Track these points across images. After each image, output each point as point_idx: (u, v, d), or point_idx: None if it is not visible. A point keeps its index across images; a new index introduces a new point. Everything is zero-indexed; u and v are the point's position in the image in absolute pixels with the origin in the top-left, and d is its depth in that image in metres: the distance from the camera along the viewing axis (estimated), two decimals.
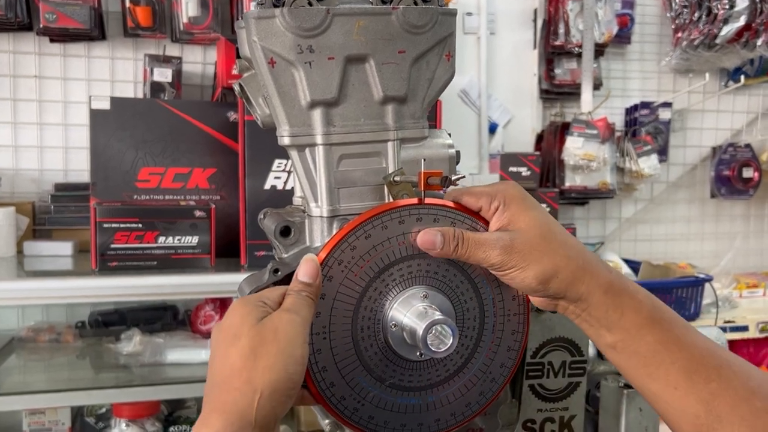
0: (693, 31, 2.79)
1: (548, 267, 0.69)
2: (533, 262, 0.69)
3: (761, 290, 2.92)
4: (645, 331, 0.69)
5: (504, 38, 2.84)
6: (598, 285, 0.70)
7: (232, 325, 0.64)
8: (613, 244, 3.02)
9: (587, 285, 0.70)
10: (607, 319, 0.70)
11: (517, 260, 0.69)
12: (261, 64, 0.74)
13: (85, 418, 2.06)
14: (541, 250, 0.69)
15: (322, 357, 0.72)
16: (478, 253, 0.70)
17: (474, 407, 0.78)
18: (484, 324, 0.76)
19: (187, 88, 2.41)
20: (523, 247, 0.69)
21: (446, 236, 0.71)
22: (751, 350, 2.73)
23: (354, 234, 0.71)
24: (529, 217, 0.71)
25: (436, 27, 0.77)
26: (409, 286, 0.73)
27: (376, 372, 0.74)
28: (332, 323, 0.72)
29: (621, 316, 0.69)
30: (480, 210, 0.74)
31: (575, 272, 0.70)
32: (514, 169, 2.27)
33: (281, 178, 1.94)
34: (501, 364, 0.78)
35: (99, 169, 2.01)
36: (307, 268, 0.69)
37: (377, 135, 0.77)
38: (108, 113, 2.00)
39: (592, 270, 0.70)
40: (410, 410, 0.76)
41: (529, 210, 0.72)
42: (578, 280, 0.69)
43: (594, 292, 0.70)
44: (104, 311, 2.20)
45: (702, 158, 3.12)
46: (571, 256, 0.70)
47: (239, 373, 0.61)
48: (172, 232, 1.87)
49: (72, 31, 2.18)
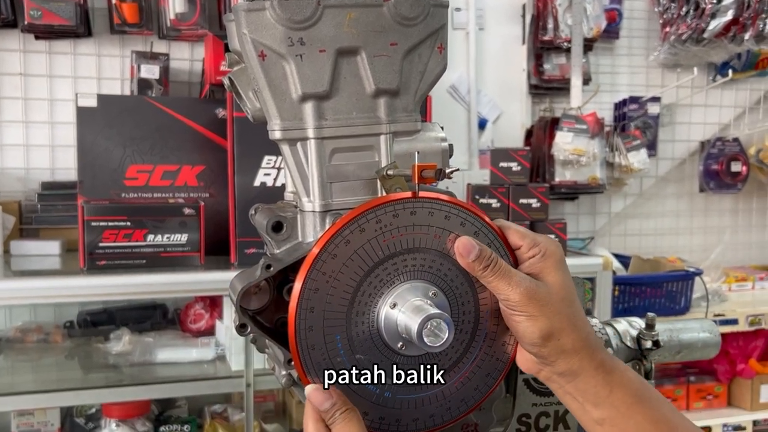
0: (681, 25, 2.80)
1: (556, 326, 0.69)
2: (545, 317, 0.69)
3: (750, 284, 2.94)
4: (634, 409, 0.69)
5: (493, 33, 2.84)
6: (592, 361, 0.71)
7: None
8: (603, 238, 3.03)
9: (581, 359, 0.70)
10: (595, 395, 0.70)
11: (532, 308, 0.69)
12: (251, 58, 0.73)
13: (75, 418, 2.04)
14: (556, 310, 0.70)
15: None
16: (502, 284, 0.70)
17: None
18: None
19: (175, 85, 2.39)
20: (544, 299, 0.70)
21: (483, 252, 0.71)
22: (741, 343, 2.75)
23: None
24: (559, 277, 0.72)
25: (428, 19, 0.77)
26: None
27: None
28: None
29: (610, 393, 0.70)
30: (518, 249, 0.74)
31: (576, 342, 0.70)
32: (504, 165, 2.27)
33: (271, 174, 1.93)
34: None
35: (86, 168, 1.99)
36: (316, 398, 0.69)
37: (369, 128, 0.76)
38: (95, 111, 1.98)
39: (590, 345, 0.71)
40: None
41: (561, 271, 0.73)
42: (575, 352, 0.70)
43: (586, 368, 0.70)
44: (93, 311, 2.18)
45: (690, 153, 3.13)
46: (578, 328, 0.71)
47: None
48: (161, 230, 1.86)
49: (57, 27, 2.16)
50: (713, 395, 2.76)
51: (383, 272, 0.72)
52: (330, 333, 0.71)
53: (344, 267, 0.71)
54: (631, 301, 2.48)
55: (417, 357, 0.74)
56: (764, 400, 2.72)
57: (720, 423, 2.62)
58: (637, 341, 0.95)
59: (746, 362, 2.73)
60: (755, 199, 3.27)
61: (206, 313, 2.15)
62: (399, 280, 0.72)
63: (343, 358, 0.72)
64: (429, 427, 0.77)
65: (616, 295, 2.43)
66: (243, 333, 0.75)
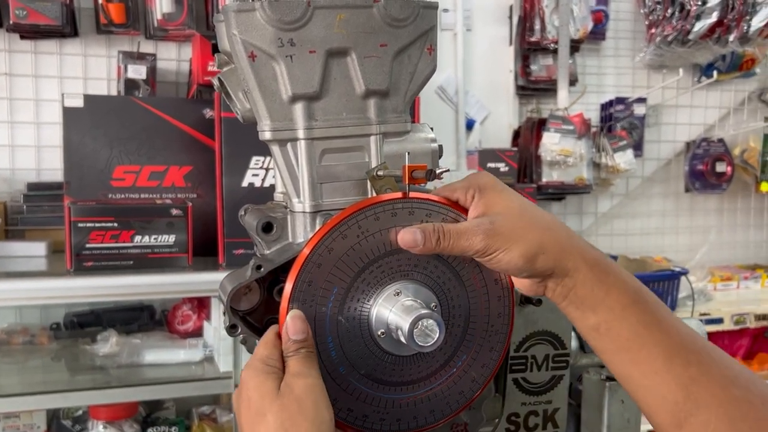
0: (666, 27, 2.82)
1: (533, 243, 0.68)
2: (517, 241, 0.68)
3: (735, 283, 2.97)
4: (629, 311, 0.68)
5: (480, 34, 2.85)
6: (585, 260, 0.69)
7: (251, 399, 0.65)
8: (590, 238, 3.04)
9: (574, 260, 0.69)
10: (592, 298, 0.69)
11: (500, 242, 0.68)
12: (241, 58, 0.73)
13: (62, 420, 2.03)
14: (523, 228, 0.69)
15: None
16: (461, 242, 0.69)
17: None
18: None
19: (162, 85, 2.38)
20: (505, 228, 0.69)
21: (426, 232, 0.70)
22: (726, 342, 2.77)
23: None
24: (504, 199, 0.71)
25: (417, 20, 0.77)
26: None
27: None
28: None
29: (606, 295, 0.68)
30: (458, 202, 0.73)
31: (561, 246, 0.69)
32: (492, 165, 2.28)
33: (259, 175, 1.93)
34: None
35: (73, 168, 1.98)
36: (295, 325, 0.68)
37: (360, 129, 0.77)
38: (81, 111, 1.97)
39: (577, 245, 0.70)
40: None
41: (503, 193, 0.72)
42: (565, 254, 0.69)
43: (581, 268, 0.69)
44: (80, 312, 2.17)
45: (676, 153, 3.15)
46: (553, 231, 0.70)
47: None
48: (149, 231, 1.85)
49: (43, 27, 2.14)
50: None
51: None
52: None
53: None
54: None
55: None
56: None
57: None
58: None
59: None
60: (740, 199, 3.30)
61: (194, 315, 2.15)
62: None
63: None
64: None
65: None
66: (233, 334, 0.75)
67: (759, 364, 2.78)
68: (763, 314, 2.63)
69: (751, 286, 3.00)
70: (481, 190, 0.72)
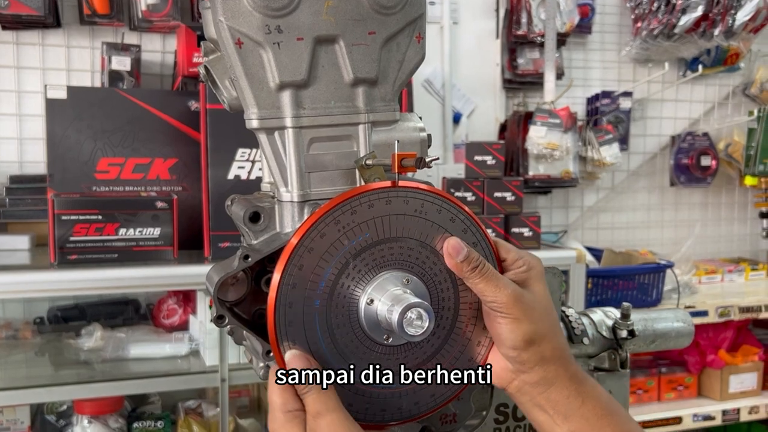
0: (652, 20, 2.83)
1: (539, 331, 0.71)
2: (529, 321, 0.70)
3: (719, 276, 2.99)
4: (605, 421, 0.71)
5: (467, 28, 2.84)
6: (566, 371, 0.72)
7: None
8: (576, 232, 3.06)
9: (557, 368, 0.71)
10: (567, 406, 0.71)
11: (518, 312, 0.70)
12: (228, 45, 0.72)
13: (46, 416, 2.01)
14: (539, 317, 0.71)
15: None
16: (490, 286, 0.71)
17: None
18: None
19: (147, 77, 2.36)
20: (530, 304, 0.71)
21: (471, 256, 0.71)
22: (711, 334, 2.79)
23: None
24: (542, 288, 0.75)
25: (406, 8, 0.76)
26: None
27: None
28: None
29: (582, 405, 0.71)
30: (504, 261, 0.76)
31: (554, 350, 0.72)
32: (479, 158, 2.28)
33: (245, 167, 1.91)
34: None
35: (56, 161, 1.96)
36: (297, 363, 0.68)
37: (348, 118, 0.76)
38: (64, 103, 1.95)
39: (565, 356, 0.73)
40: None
41: (543, 283, 0.75)
42: (552, 360, 0.71)
43: (561, 377, 0.71)
44: (64, 306, 2.15)
45: (661, 147, 3.17)
46: (557, 337, 0.73)
47: None
48: (133, 224, 1.83)
49: (25, 18, 2.12)
50: (684, 386, 2.80)
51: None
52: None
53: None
54: (603, 293, 2.51)
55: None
56: (733, 390, 2.77)
57: (690, 413, 2.66)
58: (612, 331, 0.96)
59: (716, 353, 2.77)
60: (724, 192, 3.32)
61: (179, 308, 2.13)
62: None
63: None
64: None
65: (589, 287, 2.45)
66: (220, 324, 0.74)
67: (743, 356, 2.81)
68: (747, 307, 2.65)
69: (735, 279, 3.02)
70: (531, 269, 0.75)
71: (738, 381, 2.77)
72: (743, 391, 2.78)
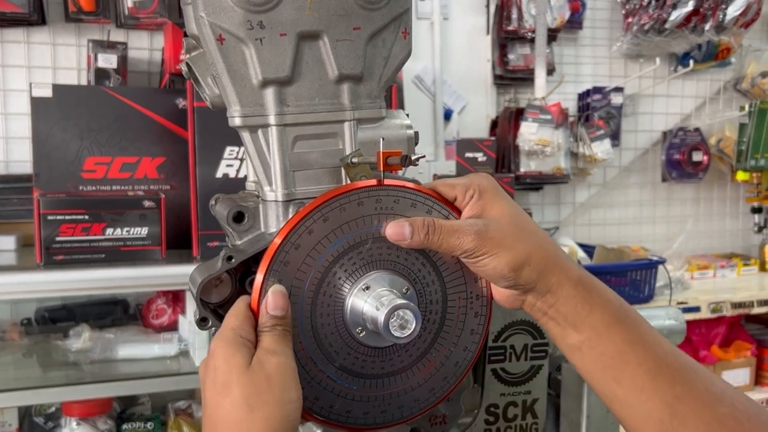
0: (643, 16, 2.82)
1: (521, 253, 0.68)
2: (506, 249, 0.67)
3: (711, 272, 2.99)
4: (613, 329, 0.68)
5: (457, 24, 2.83)
6: (569, 278, 0.69)
7: (218, 370, 0.63)
8: (568, 228, 3.05)
9: (558, 277, 0.68)
10: (575, 315, 0.68)
11: (490, 246, 0.67)
12: (209, 42, 0.70)
13: (34, 418, 1.99)
14: (514, 237, 0.68)
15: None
16: (451, 240, 0.68)
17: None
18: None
19: (134, 75, 2.33)
20: (497, 233, 0.68)
21: (415, 225, 0.69)
22: (703, 330, 2.79)
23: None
24: (501, 206, 0.71)
25: (391, 2, 0.75)
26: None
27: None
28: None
29: (589, 313, 0.68)
30: (455, 199, 0.72)
31: (547, 261, 0.68)
32: (470, 155, 2.27)
33: (233, 165, 1.90)
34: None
35: (42, 160, 1.93)
36: (276, 300, 0.66)
37: (333, 115, 0.74)
38: (50, 101, 1.92)
39: (562, 262, 0.70)
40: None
41: (501, 200, 0.71)
42: (549, 270, 0.68)
43: (564, 285, 0.68)
44: (51, 307, 2.12)
45: (653, 142, 3.16)
46: (542, 245, 0.69)
47: (234, 425, 0.59)
48: (121, 224, 1.81)
49: (9, 15, 2.09)
50: None
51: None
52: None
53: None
54: None
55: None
56: None
57: None
58: None
59: (708, 349, 2.77)
60: (716, 188, 3.32)
61: (168, 308, 2.11)
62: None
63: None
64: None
65: None
66: (204, 327, 0.73)
67: (735, 351, 2.81)
68: (739, 302, 2.65)
69: (728, 275, 3.02)
70: (481, 193, 0.71)
71: (731, 377, 2.77)
72: (736, 387, 2.78)
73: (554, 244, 0.71)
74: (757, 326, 3.05)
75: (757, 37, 3.23)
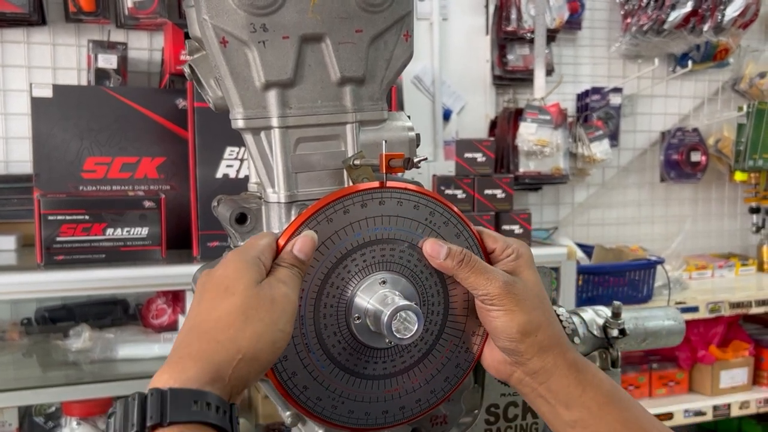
0: (642, 16, 2.82)
1: (534, 321, 0.70)
2: (523, 312, 0.69)
3: (709, 272, 2.99)
4: (607, 410, 0.69)
5: (456, 24, 2.83)
6: (565, 359, 0.71)
7: (226, 276, 0.62)
8: (567, 228, 3.05)
9: (555, 356, 0.70)
10: (567, 395, 0.70)
11: (510, 302, 0.69)
12: (212, 44, 0.71)
13: (34, 417, 1.99)
14: (533, 305, 0.70)
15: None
16: (480, 279, 0.70)
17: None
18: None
19: (134, 75, 2.33)
20: (522, 293, 0.70)
21: (452, 251, 0.71)
22: (702, 330, 2.80)
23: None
24: (532, 274, 0.74)
25: (393, 5, 0.75)
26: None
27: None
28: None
29: (582, 393, 0.70)
30: (492, 252, 0.75)
31: (551, 339, 0.71)
32: (469, 155, 2.27)
33: (233, 166, 1.90)
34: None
35: (42, 160, 1.93)
36: (304, 244, 0.66)
37: (335, 117, 0.75)
38: (50, 101, 1.93)
39: (564, 343, 0.72)
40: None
41: (533, 269, 0.74)
42: (550, 349, 0.70)
43: (560, 365, 0.70)
44: (51, 307, 2.13)
45: (651, 143, 3.17)
46: (553, 324, 0.72)
47: (226, 328, 0.59)
48: (121, 224, 1.82)
49: (9, 15, 2.09)
50: (675, 382, 2.80)
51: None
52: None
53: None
54: (594, 290, 2.51)
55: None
56: (724, 385, 2.77)
57: (681, 409, 2.67)
58: (603, 330, 0.95)
59: (707, 349, 2.78)
60: (714, 188, 3.32)
61: (168, 308, 2.11)
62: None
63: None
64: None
65: (580, 284, 2.45)
66: None
67: (733, 351, 2.82)
68: (737, 302, 2.66)
69: (726, 275, 3.03)
70: (519, 257, 0.74)
71: (729, 376, 2.78)
72: (734, 387, 2.79)
73: (559, 324, 0.74)
74: (755, 326, 3.06)
75: (756, 37, 3.24)
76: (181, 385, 0.55)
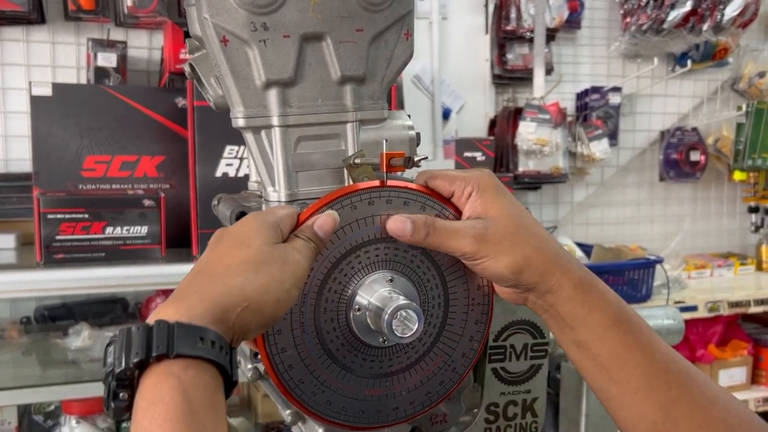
0: (641, 16, 2.83)
1: (520, 257, 0.68)
2: (505, 252, 0.68)
3: (708, 271, 2.99)
4: (610, 332, 0.68)
5: (456, 23, 2.83)
6: (569, 279, 0.69)
7: (242, 233, 0.63)
8: (566, 227, 3.06)
9: (558, 278, 0.69)
10: (573, 316, 0.69)
11: (489, 250, 0.68)
12: (213, 43, 0.71)
13: (33, 416, 1.99)
14: (513, 240, 0.68)
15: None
16: (450, 242, 0.68)
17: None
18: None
19: (133, 73, 2.33)
20: (495, 236, 0.68)
21: (416, 224, 0.69)
22: (701, 329, 2.80)
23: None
24: (502, 205, 0.70)
25: (394, 4, 0.75)
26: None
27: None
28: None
29: (588, 314, 0.68)
30: (452, 195, 0.72)
31: (546, 264, 0.68)
32: (469, 154, 2.27)
33: (233, 164, 1.90)
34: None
35: (41, 158, 1.93)
36: (325, 222, 0.66)
37: (336, 116, 0.75)
38: (50, 100, 1.93)
39: (563, 263, 0.69)
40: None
41: (501, 198, 0.70)
42: (549, 272, 0.68)
43: (564, 286, 0.69)
44: (50, 305, 2.13)
45: (651, 142, 3.17)
46: (542, 248, 0.69)
47: (235, 275, 0.59)
48: (120, 222, 1.82)
49: (8, 13, 2.09)
50: None
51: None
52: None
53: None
54: None
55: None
56: (723, 384, 2.77)
57: None
58: None
59: (705, 348, 2.78)
60: (713, 187, 3.33)
61: None
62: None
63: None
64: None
65: None
66: None
67: (732, 350, 2.82)
68: (736, 301, 2.66)
69: (725, 274, 3.03)
70: (481, 190, 0.70)
71: (727, 375, 2.79)
72: (733, 386, 2.79)
73: (554, 244, 0.71)
74: (754, 325, 3.07)
75: (755, 37, 3.24)
76: (188, 320, 0.55)
